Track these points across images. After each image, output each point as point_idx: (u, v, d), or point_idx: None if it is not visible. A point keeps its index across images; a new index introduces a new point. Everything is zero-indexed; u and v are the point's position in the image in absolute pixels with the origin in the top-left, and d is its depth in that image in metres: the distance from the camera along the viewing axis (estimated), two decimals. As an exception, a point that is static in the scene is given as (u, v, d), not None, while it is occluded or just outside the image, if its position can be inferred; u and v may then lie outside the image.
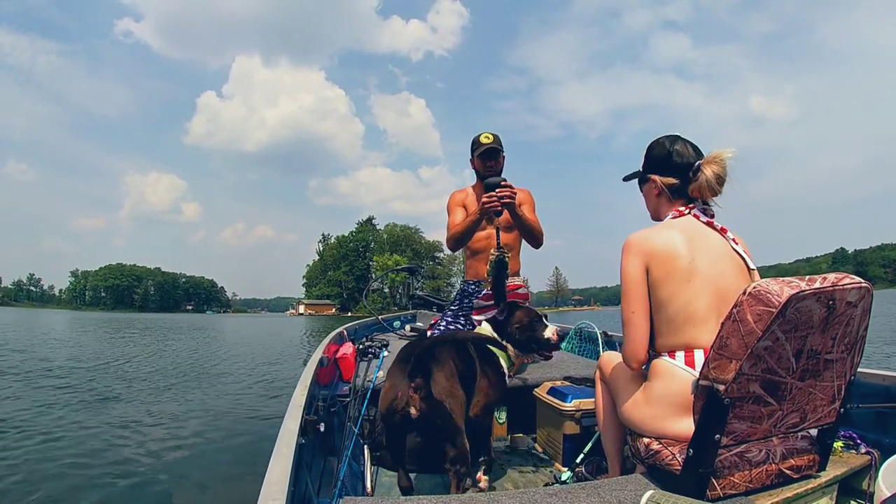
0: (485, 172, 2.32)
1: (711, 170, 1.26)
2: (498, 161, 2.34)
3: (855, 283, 1.02)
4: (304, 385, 1.61)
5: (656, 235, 1.25)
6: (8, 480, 3.03)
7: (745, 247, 1.28)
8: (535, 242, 2.33)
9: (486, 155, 2.30)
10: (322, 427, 1.47)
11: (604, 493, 1.07)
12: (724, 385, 0.98)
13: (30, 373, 7.50)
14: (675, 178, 1.32)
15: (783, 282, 0.97)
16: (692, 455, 1.03)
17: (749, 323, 0.96)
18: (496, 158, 2.33)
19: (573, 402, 1.96)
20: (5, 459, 3.39)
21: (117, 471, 3.28)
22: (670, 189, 1.33)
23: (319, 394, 1.83)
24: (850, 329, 1.07)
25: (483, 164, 2.32)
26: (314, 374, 1.79)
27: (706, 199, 1.30)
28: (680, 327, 1.20)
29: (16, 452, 3.54)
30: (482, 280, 2.44)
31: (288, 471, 0.96)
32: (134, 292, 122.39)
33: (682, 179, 1.31)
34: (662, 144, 1.36)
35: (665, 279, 1.20)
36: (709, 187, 1.27)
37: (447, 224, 2.45)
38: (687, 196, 1.32)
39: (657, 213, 1.39)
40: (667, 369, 1.21)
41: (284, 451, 1.06)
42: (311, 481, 1.31)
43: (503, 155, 2.36)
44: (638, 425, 1.25)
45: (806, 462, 1.18)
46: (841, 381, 1.14)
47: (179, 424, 4.65)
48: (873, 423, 1.50)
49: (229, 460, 3.63)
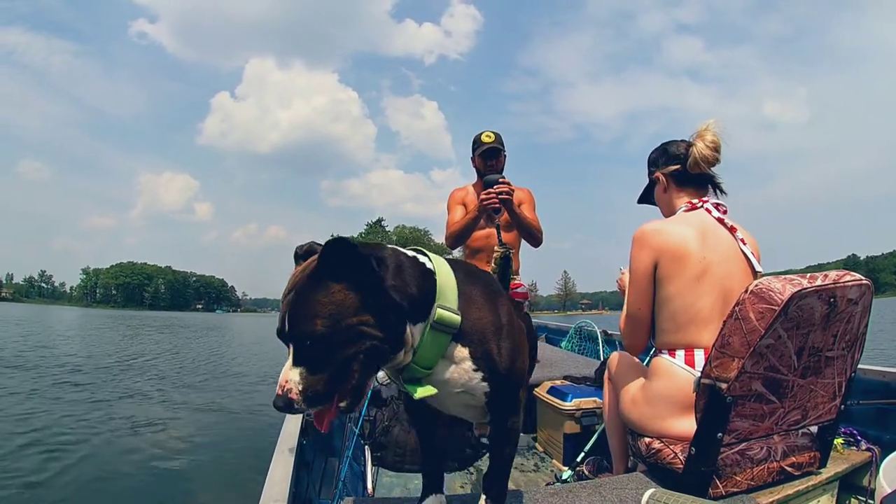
0: (485, 171, 2.31)
1: (702, 140, 1.27)
2: (499, 160, 2.33)
3: (855, 280, 1.02)
4: None
5: (669, 230, 1.23)
6: (15, 477, 3.03)
7: (755, 247, 1.27)
8: (533, 241, 2.34)
9: (487, 154, 2.30)
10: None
11: (605, 492, 1.07)
12: (727, 383, 0.98)
13: (42, 368, 7.54)
14: (676, 165, 1.34)
15: (785, 279, 0.97)
16: (694, 453, 1.03)
17: (751, 321, 0.96)
18: (497, 157, 2.32)
19: (573, 402, 1.96)
20: (20, 454, 3.40)
21: (117, 469, 3.27)
22: (674, 176, 1.35)
23: None
24: (851, 326, 1.08)
25: (484, 163, 2.32)
26: None
27: (706, 170, 1.29)
28: (682, 326, 1.20)
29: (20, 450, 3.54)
30: None
31: (289, 471, 0.95)
32: (144, 290, 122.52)
33: (683, 164, 1.32)
34: (657, 147, 1.41)
35: (673, 276, 1.19)
36: (704, 157, 1.27)
37: (447, 222, 2.45)
38: (693, 181, 1.32)
39: (670, 209, 1.38)
40: (667, 368, 1.20)
41: (286, 451, 1.05)
42: (312, 482, 1.31)
43: (504, 154, 2.36)
44: (638, 424, 1.24)
45: (807, 459, 1.19)
46: (842, 378, 1.15)
47: (185, 422, 4.65)
48: (874, 419, 1.50)
49: (231, 459, 3.63)
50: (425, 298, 0.79)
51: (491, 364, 0.85)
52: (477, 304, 0.86)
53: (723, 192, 1.34)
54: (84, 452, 3.61)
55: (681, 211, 1.31)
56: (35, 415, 4.58)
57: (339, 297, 0.69)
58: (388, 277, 0.75)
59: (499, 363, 0.85)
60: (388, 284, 0.74)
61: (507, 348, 0.86)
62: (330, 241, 0.69)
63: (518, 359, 0.89)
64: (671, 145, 1.37)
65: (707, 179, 1.32)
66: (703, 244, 1.20)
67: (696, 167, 1.29)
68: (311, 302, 0.69)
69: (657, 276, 1.22)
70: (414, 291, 0.77)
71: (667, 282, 1.20)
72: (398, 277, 0.76)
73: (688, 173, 1.31)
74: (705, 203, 1.29)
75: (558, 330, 4.25)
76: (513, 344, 0.87)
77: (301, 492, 1.09)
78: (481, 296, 0.87)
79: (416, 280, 0.78)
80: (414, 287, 0.77)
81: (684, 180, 1.34)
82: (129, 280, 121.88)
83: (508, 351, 0.86)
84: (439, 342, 0.80)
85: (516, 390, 0.90)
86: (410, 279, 0.78)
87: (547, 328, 4.46)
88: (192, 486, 3.09)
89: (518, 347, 0.89)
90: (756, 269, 1.23)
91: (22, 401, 5.15)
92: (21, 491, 2.86)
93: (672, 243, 1.20)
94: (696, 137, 1.29)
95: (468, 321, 0.83)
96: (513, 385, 0.89)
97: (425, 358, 0.80)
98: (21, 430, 4.02)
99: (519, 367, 0.89)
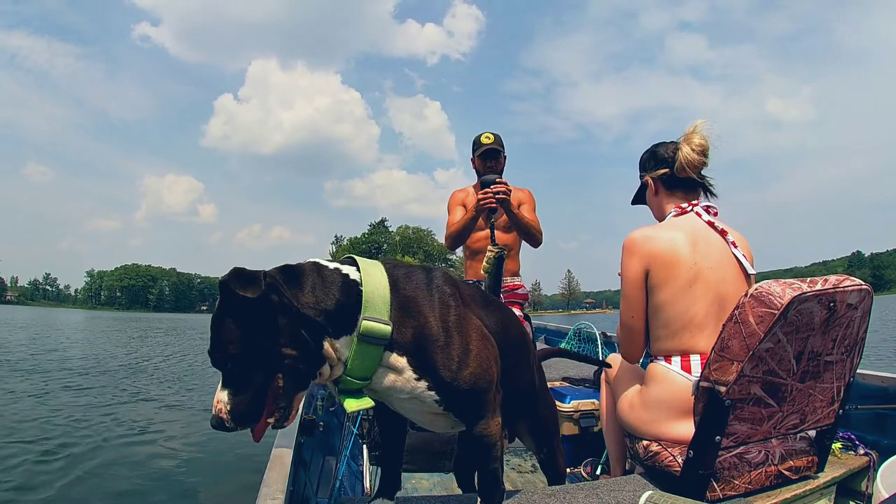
0: (485, 172, 2.32)
1: (688, 144, 1.26)
2: (499, 161, 2.34)
3: (855, 285, 1.02)
4: None
5: (659, 236, 1.22)
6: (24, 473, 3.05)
7: (747, 248, 1.26)
8: (533, 242, 2.33)
9: (486, 155, 2.30)
10: (321, 426, 1.46)
11: (602, 494, 1.07)
12: (726, 387, 0.98)
13: (52, 372, 7.51)
14: (664, 168, 1.32)
15: (785, 283, 0.97)
16: (692, 457, 1.03)
17: (751, 325, 0.96)
18: (497, 159, 2.32)
19: (572, 403, 1.96)
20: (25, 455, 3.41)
21: (117, 469, 3.27)
22: (663, 180, 1.33)
23: (318, 393, 1.83)
24: (850, 331, 1.08)
25: (483, 164, 2.32)
26: None
27: (692, 175, 1.27)
28: (677, 332, 1.19)
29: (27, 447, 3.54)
30: (482, 281, 2.44)
31: (286, 470, 0.95)
32: (149, 292, 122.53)
33: (671, 167, 1.31)
34: (647, 150, 1.40)
35: (665, 283, 1.19)
36: (690, 162, 1.25)
37: (447, 223, 2.45)
38: (682, 184, 1.31)
39: (661, 212, 1.38)
40: (663, 374, 1.20)
41: (283, 450, 1.05)
42: (310, 481, 1.31)
43: (504, 155, 2.37)
44: (635, 429, 1.24)
45: (804, 463, 1.18)
46: (840, 382, 1.14)
47: (182, 421, 4.65)
48: (872, 424, 1.50)
49: (230, 459, 3.63)
50: (346, 311, 0.79)
51: (434, 373, 0.84)
52: (415, 312, 0.85)
53: (713, 194, 1.32)
54: (80, 452, 3.61)
55: (670, 216, 1.30)
56: (46, 418, 4.57)
57: (245, 323, 0.73)
58: (301, 295, 0.77)
59: (443, 371, 0.84)
60: (299, 302, 0.76)
61: (453, 355, 0.84)
62: (227, 274, 0.72)
63: (471, 364, 0.85)
64: (660, 147, 1.35)
65: (697, 182, 1.31)
66: (693, 249, 1.19)
67: (683, 172, 1.28)
68: (223, 329, 0.74)
69: (649, 284, 1.21)
70: (330, 306, 0.78)
71: (659, 289, 1.19)
72: (312, 293, 0.78)
73: (676, 177, 1.30)
74: (695, 206, 1.28)
75: (557, 331, 4.25)
76: (461, 350, 0.85)
77: (298, 491, 1.09)
78: (422, 303, 0.86)
79: (334, 294, 0.79)
80: (331, 301, 0.78)
81: (673, 184, 1.32)
82: (134, 282, 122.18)
83: (456, 357, 0.84)
84: (370, 353, 0.80)
85: (478, 397, 0.88)
86: (327, 294, 0.79)
87: (546, 329, 4.46)
88: (190, 485, 3.09)
89: (469, 352, 0.86)
90: (749, 272, 1.22)
91: (35, 405, 5.16)
92: (23, 491, 2.87)
93: (662, 250, 1.20)
94: (683, 141, 1.28)
95: (404, 330, 0.83)
96: (470, 392, 0.86)
97: (358, 369, 0.80)
98: (38, 435, 4.01)
99: (474, 372, 0.86)
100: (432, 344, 0.84)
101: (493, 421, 0.91)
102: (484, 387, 0.88)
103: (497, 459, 0.94)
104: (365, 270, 0.84)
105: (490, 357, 0.90)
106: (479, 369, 0.87)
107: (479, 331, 0.90)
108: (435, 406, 0.88)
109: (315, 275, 0.80)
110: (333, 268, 0.84)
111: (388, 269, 0.89)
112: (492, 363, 0.90)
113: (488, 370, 0.89)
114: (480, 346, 0.89)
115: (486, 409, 0.90)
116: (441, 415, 0.92)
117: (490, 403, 0.90)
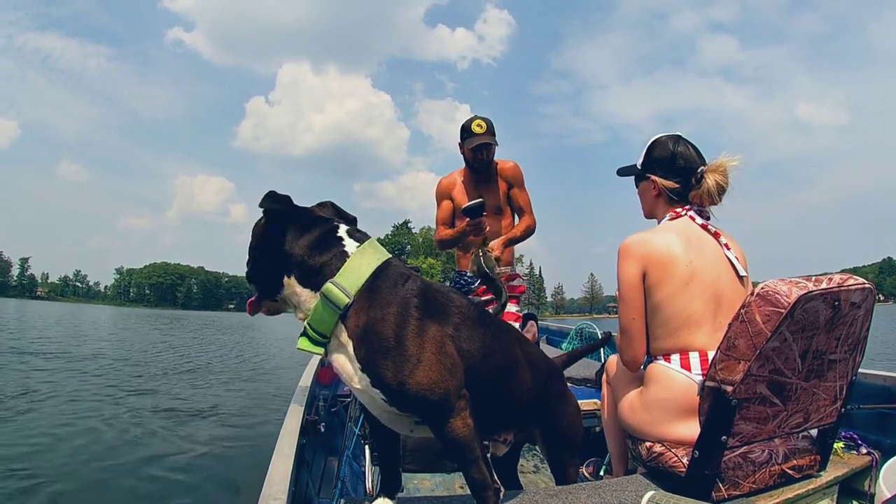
0: (475, 163, 2.20)
1: (714, 179, 1.23)
2: (490, 151, 2.18)
3: (859, 284, 1.02)
4: (304, 385, 1.59)
5: (654, 239, 1.23)
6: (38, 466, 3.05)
7: (740, 251, 1.26)
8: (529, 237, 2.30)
9: (478, 148, 2.15)
10: (323, 427, 1.46)
11: (604, 494, 1.06)
12: (732, 386, 0.98)
13: (92, 367, 7.58)
14: (677, 183, 1.28)
15: (791, 282, 0.97)
16: (697, 457, 1.03)
17: (758, 324, 0.96)
18: (488, 149, 2.17)
19: (573, 403, 1.95)
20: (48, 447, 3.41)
21: (115, 469, 3.25)
22: (670, 192, 1.30)
23: (320, 394, 1.82)
24: (854, 330, 1.08)
25: (474, 155, 2.17)
26: (315, 373, 1.78)
27: (704, 206, 1.28)
28: (675, 330, 1.19)
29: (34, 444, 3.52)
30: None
31: (289, 470, 0.95)
32: (177, 290, 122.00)
33: (684, 184, 1.28)
34: (665, 145, 1.32)
35: (662, 282, 1.19)
36: (709, 196, 1.25)
37: (435, 218, 2.38)
38: (686, 200, 1.30)
39: (652, 212, 1.36)
40: (663, 373, 1.19)
41: (285, 450, 1.04)
42: (312, 481, 1.30)
43: (495, 145, 2.19)
44: (637, 430, 1.24)
45: (807, 462, 1.18)
46: (843, 381, 1.15)
47: (188, 420, 4.63)
48: (874, 423, 1.50)
49: (232, 458, 3.61)
50: (319, 268, 0.90)
51: (377, 370, 0.86)
52: (376, 304, 0.88)
53: (707, 218, 1.30)
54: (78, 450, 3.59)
55: (666, 219, 1.30)
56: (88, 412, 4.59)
57: (256, 231, 0.97)
58: (293, 236, 0.92)
59: (384, 371, 0.85)
60: (285, 238, 0.91)
61: (398, 360, 0.84)
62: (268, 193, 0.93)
63: (417, 374, 0.85)
64: (678, 159, 1.28)
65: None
66: (688, 249, 1.19)
67: (697, 200, 1.27)
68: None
69: (646, 285, 1.21)
70: (304, 256, 0.91)
71: (656, 289, 1.19)
72: (301, 239, 0.92)
73: (684, 194, 1.29)
74: (689, 211, 1.28)
75: (559, 332, 4.26)
76: (409, 357, 0.85)
77: (301, 491, 1.09)
78: (387, 300, 0.89)
79: (317, 250, 0.91)
80: (309, 255, 0.91)
81: (679, 198, 1.30)
82: (162, 280, 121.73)
83: (401, 363, 0.85)
84: (327, 313, 0.89)
85: (429, 405, 0.87)
86: (311, 247, 0.91)
87: (548, 330, 4.47)
88: (191, 485, 3.07)
89: (419, 362, 0.85)
90: (740, 274, 1.22)
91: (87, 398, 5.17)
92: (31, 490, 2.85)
93: (657, 251, 1.20)
94: (709, 171, 1.24)
95: (360, 314, 0.88)
96: (417, 399, 0.86)
97: (316, 322, 0.89)
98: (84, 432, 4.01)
99: (420, 382, 0.85)
100: (379, 340, 0.86)
101: (457, 422, 0.90)
102: (434, 399, 0.87)
103: (476, 460, 0.92)
104: (362, 250, 0.93)
105: (443, 371, 0.88)
106: (426, 380, 0.86)
107: (437, 345, 0.89)
108: (385, 405, 0.90)
109: (321, 228, 0.94)
110: (339, 235, 0.95)
111: (386, 261, 0.94)
112: (445, 377, 0.88)
113: (439, 383, 0.87)
114: (433, 359, 0.87)
115: (443, 414, 0.89)
116: (399, 415, 0.93)
117: (448, 410, 0.89)
